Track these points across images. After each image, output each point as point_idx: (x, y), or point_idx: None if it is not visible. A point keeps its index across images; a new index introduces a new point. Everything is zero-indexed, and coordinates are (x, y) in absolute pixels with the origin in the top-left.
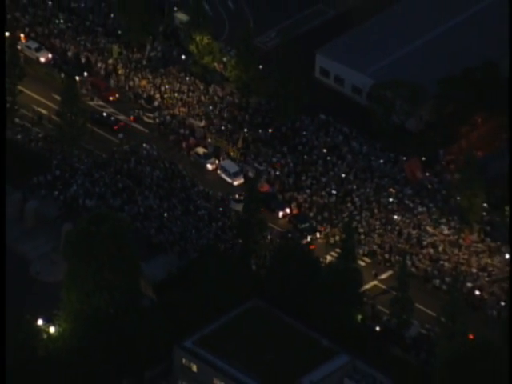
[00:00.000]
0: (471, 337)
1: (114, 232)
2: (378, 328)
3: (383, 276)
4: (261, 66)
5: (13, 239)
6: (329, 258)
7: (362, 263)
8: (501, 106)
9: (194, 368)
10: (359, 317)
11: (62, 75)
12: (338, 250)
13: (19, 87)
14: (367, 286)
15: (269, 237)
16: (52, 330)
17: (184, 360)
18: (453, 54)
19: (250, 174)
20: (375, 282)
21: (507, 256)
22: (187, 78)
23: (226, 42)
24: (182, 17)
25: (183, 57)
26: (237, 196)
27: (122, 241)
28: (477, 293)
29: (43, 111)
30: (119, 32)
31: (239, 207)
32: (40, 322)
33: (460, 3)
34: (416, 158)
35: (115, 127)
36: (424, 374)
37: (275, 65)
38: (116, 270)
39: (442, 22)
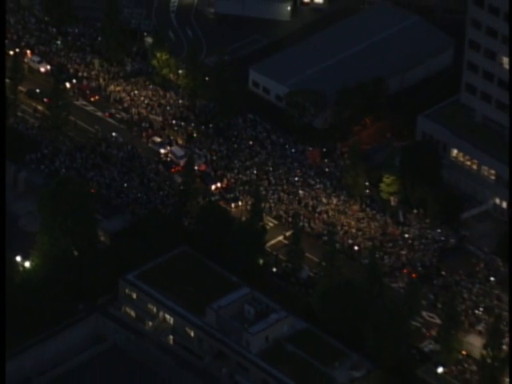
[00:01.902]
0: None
1: (76, 192)
2: (274, 269)
3: (287, 234)
4: (207, 78)
5: (7, 200)
6: (244, 218)
7: (271, 224)
8: (385, 112)
9: (134, 296)
10: (261, 261)
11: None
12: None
13: (20, 88)
14: (273, 241)
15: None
16: (27, 264)
17: (127, 290)
18: (351, 72)
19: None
20: (280, 238)
21: (383, 221)
22: (151, 86)
23: (184, 60)
24: (150, 40)
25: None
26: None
27: (82, 198)
28: (355, 248)
29: (39, 107)
30: (102, 51)
31: (180, 179)
32: (18, 258)
33: (360, 36)
34: (318, 149)
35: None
36: (308, 304)
37: (216, 77)
38: (78, 221)
39: (345, 49)
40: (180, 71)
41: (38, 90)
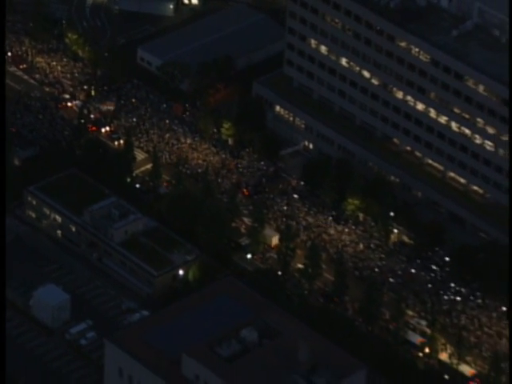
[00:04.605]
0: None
1: None
2: (138, 186)
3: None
4: (106, 54)
5: None
6: None
7: (142, 156)
8: (234, 81)
9: (34, 202)
10: (128, 180)
11: None
12: None
13: None
14: (143, 168)
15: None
16: None
17: (29, 198)
18: (211, 52)
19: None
20: (148, 166)
21: (223, 156)
22: (65, 59)
23: (91, 40)
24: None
25: None
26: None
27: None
28: (210, 178)
29: None
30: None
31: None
32: None
33: (219, 27)
34: (181, 105)
35: None
36: (159, 209)
37: (111, 53)
38: None
39: (207, 36)
40: (86, 48)
41: None
